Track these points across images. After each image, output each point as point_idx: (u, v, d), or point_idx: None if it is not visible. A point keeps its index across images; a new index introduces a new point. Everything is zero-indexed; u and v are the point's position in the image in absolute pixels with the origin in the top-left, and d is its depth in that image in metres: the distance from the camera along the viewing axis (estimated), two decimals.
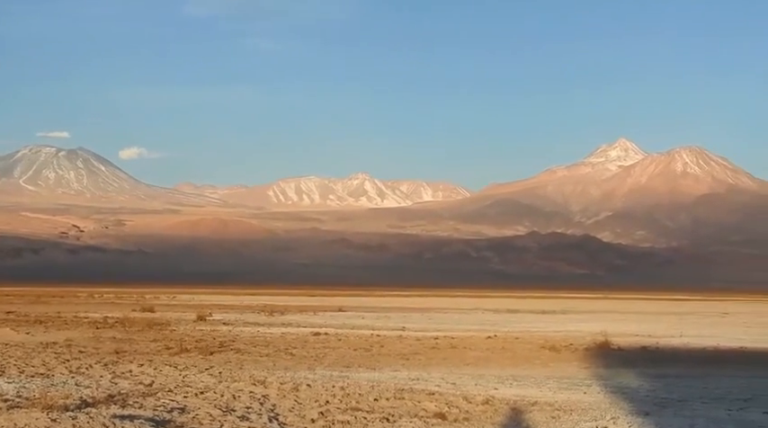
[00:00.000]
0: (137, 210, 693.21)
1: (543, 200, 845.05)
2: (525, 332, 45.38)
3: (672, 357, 32.39)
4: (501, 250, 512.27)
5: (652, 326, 54.02)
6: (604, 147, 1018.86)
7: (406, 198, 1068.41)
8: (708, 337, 43.96)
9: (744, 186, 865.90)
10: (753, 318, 71.62)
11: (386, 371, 25.45)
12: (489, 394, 20.58)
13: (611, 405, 19.40)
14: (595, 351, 33.67)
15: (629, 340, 39.66)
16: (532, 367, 27.99)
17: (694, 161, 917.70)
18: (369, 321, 54.80)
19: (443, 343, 35.95)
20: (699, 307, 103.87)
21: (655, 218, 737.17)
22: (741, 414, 18.14)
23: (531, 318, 64.59)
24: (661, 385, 23.31)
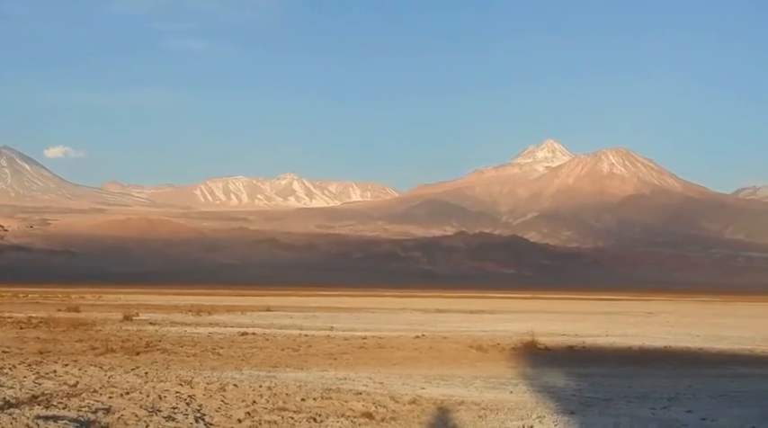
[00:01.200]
0: (62, 210, 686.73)
1: (471, 200, 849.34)
2: (453, 332, 45.46)
3: (598, 356, 32.62)
4: (429, 250, 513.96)
5: (578, 326, 54.39)
6: (532, 148, 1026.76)
7: (335, 198, 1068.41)
8: (633, 337, 44.35)
9: (669, 187, 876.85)
10: (677, 318, 72.41)
11: (313, 371, 25.35)
12: (416, 393, 20.57)
13: (538, 404, 19.48)
14: (522, 350, 33.81)
15: (556, 339, 39.88)
16: (460, 366, 28.04)
17: (620, 162, 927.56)
18: (297, 321, 54.61)
19: (371, 343, 35.91)
20: (624, 306, 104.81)
21: (581, 219, 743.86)
22: (665, 412, 18.30)
23: (459, 318, 64.74)
24: (587, 384, 23.46)
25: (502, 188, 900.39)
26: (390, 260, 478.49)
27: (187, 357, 29.00)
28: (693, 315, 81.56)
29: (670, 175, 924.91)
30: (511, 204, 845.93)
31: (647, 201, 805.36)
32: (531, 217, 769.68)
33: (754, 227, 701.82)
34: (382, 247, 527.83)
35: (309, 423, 16.21)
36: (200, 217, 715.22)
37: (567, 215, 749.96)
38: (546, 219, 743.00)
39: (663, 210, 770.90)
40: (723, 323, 63.93)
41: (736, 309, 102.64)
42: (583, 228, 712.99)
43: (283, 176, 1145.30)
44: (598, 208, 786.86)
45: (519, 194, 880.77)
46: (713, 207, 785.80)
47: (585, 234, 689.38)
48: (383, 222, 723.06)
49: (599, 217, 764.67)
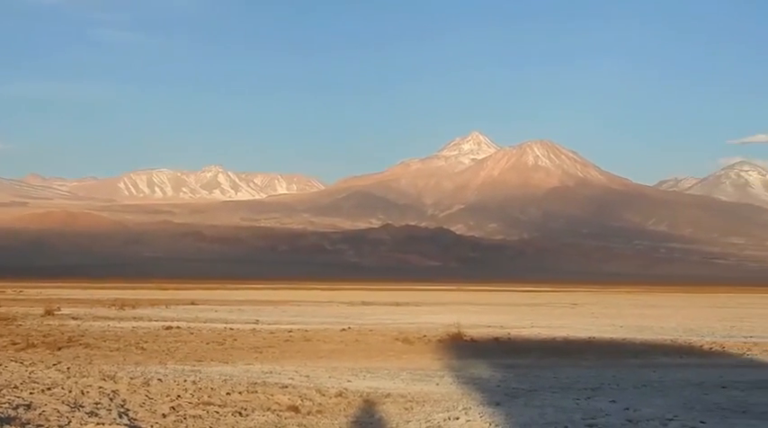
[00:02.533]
0: None
1: (397, 193, 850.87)
2: (379, 324, 45.50)
3: (523, 347, 32.78)
4: (355, 243, 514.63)
5: (504, 317, 54.70)
6: (458, 141, 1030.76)
7: (261, 190, 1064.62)
8: (558, 328, 44.70)
9: (593, 179, 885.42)
10: (601, 309, 73.14)
11: (239, 365, 25.21)
12: (343, 386, 20.54)
13: (463, 395, 19.53)
14: (448, 342, 33.89)
15: (482, 331, 40.04)
16: (386, 359, 28.04)
17: (545, 154, 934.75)
18: (222, 314, 54.35)
19: (297, 336, 35.81)
20: (549, 298, 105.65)
21: (506, 211, 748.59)
22: (589, 402, 18.42)
23: (386, 311, 64.82)
24: (512, 375, 23.58)
25: (428, 180, 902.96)
26: (316, 253, 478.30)
27: (110, 352, 28.69)
28: (617, 305, 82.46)
29: (594, 168, 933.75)
30: (437, 196, 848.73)
31: (572, 193, 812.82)
32: (457, 209, 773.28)
33: (676, 219, 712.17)
34: (308, 240, 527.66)
35: (235, 418, 16.11)
36: (123, 210, 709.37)
37: (492, 207, 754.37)
38: (471, 212, 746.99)
39: (587, 202, 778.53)
40: (646, 313, 64.70)
41: (658, 300, 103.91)
42: (508, 220, 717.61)
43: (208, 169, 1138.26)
44: (523, 200, 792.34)
45: (445, 187, 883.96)
46: (636, 199, 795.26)
47: (511, 226, 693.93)
48: (309, 215, 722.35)
49: (524, 209, 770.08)
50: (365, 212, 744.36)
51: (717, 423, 16.01)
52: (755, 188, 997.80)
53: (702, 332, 42.75)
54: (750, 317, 59.43)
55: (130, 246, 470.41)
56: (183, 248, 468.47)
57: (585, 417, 16.37)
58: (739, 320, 55.15)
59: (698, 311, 70.80)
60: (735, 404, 18.59)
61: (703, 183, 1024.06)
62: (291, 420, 16.12)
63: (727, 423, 16.16)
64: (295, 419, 16.21)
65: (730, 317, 59.05)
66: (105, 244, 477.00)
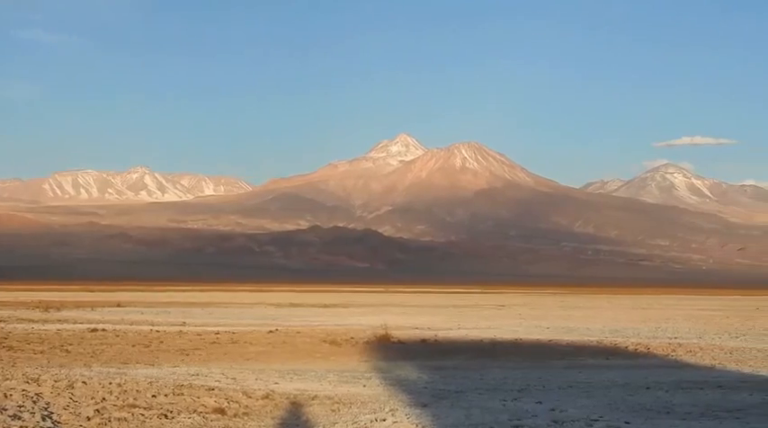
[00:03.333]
0: None
1: (325, 194, 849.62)
2: (307, 326, 45.41)
3: (450, 349, 32.90)
4: (283, 244, 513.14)
5: (431, 319, 54.86)
6: (385, 143, 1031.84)
7: (188, 192, 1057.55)
8: (485, 329, 44.90)
9: (520, 181, 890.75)
10: (528, 310, 73.61)
11: (165, 367, 25.03)
12: (270, 388, 20.47)
13: (391, 397, 19.55)
14: (376, 344, 33.93)
15: (409, 333, 40.14)
16: (313, 361, 28.01)
17: (473, 156, 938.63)
18: (148, 316, 53.91)
19: (224, 338, 35.65)
20: (476, 299, 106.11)
21: (434, 213, 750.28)
22: (515, 404, 18.53)
23: (313, 312, 64.74)
24: (439, 377, 23.65)
25: (356, 182, 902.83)
26: (244, 254, 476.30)
27: (34, 354, 28.35)
28: (544, 307, 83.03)
29: (521, 170, 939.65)
30: (365, 198, 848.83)
31: (499, 195, 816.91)
32: (385, 211, 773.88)
33: (602, 221, 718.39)
34: (236, 242, 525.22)
35: (160, 420, 15.98)
36: (48, 211, 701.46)
37: (420, 209, 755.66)
38: (399, 213, 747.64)
39: (514, 204, 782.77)
40: (572, 315, 65.21)
41: (584, 301, 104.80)
42: (436, 222, 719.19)
43: (134, 170, 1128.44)
44: (451, 202, 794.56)
45: (373, 188, 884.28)
46: (563, 201, 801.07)
47: (438, 227, 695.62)
48: (237, 216, 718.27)
49: (452, 211, 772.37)
50: (293, 214, 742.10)
51: (641, 424, 16.16)
52: (680, 190, 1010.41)
53: (628, 333, 43.16)
54: (675, 318, 60.13)
55: (56, 248, 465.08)
56: (110, 250, 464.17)
57: (512, 418, 16.45)
58: (664, 321, 55.77)
59: (623, 312, 71.50)
60: (659, 404, 18.80)
61: (629, 186, 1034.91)
62: (217, 422, 16.03)
63: (651, 423, 16.32)
64: (221, 421, 16.13)
65: (655, 319, 59.69)
66: (30, 245, 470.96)
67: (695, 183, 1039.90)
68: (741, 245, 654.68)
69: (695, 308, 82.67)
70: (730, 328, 48.67)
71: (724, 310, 78.66)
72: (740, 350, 33.82)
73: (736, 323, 54.98)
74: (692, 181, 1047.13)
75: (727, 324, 53.77)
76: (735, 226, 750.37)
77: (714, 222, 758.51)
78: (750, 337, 41.35)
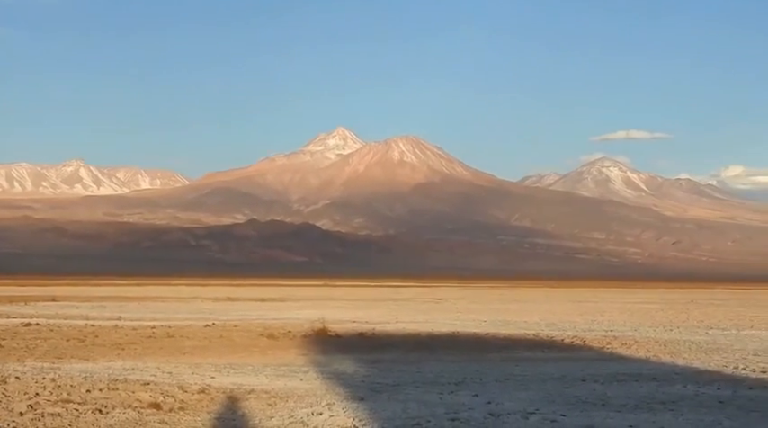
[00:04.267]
0: None
1: (262, 188, 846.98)
2: (244, 320, 45.26)
3: (387, 343, 32.94)
4: (220, 238, 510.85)
5: (369, 313, 54.94)
6: (323, 136, 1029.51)
7: (123, 185, 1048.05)
8: (422, 323, 45.01)
9: (458, 175, 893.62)
10: (465, 304, 73.91)
11: (100, 362, 24.82)
12: (206, 383, 20.36)
13: (328, 391, 19.53)
14: (313, 338, 33.90)
15: (347, 326, 40.14)
16: (250, 355, 27.91)
17: (411, 150, 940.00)
18: (83, 311, 53.46)
19: (160, 333, 35.41)
20: (414, 293, 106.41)
21: (372, 207, 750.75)
22: (452, 397, 18.58)
23: (250, 306, 64.59)
24: (376, 370, 23.66)
25: (293, 176, 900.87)
26: (181, 248, 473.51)
27: None
28: (481, 301, 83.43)
29: (459, 164, 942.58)
30: (302, 192, 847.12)
31: (437, 189, 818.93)
32: (323, 204, 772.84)
33: (539, 215, 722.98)
34: (172, 236, 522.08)
35: (95, 415, 15.82)
36: None
37: (358, 203, 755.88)
38: (337, 207, 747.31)
39: (452, 198, 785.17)
40: (509, 308, 65.59)
41: (522, 295, 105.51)
42: (374, 216, 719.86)
43: (69, 163, 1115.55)
44: (389, 195, 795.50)
45: (310, 182, 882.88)
46: (500, 195, 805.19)
47: (377, 221, 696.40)
48: (173, 210, 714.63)
49: (390, 204, 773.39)
50: (230, 207, 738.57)
51: (577, 416, 16.27)
52: (616, 184, 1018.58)
53: (564, 326, 43.48)
54: (610, 311, 60.68)
55: None
56: (44, 244, 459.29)
57: (448, 411, 16.49)
58: (600, 314, 56.28)
59: (560, 306, 72.05)
60: (594, 396, 18.94)
61: (566, 180, 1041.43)
62: (153, 417, 15.91)
63: (586, 415, 16.43)
64: (156, 416, 16.00)
65: (591, 312, 60.22)
66: None
67: (631, 177, 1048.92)
68: (675, 238, 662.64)
69: (630, 302, 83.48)
70: (665, 321, 49.19)
71: (659, 303, 79.56)
72: (674, 342, 34.19)
73: (670, 316, 55.61)
74: (628, 175, 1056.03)
75: (661, 316, 54.37)
76: (669, 219, 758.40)
77: (649, 216, 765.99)
78: (684, 330, 41.82)
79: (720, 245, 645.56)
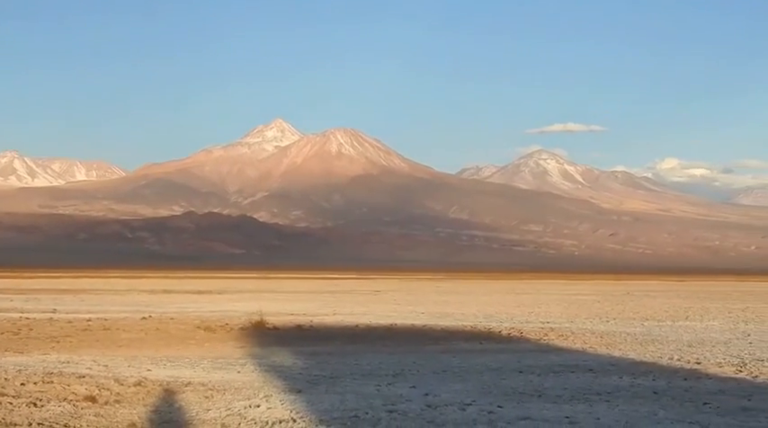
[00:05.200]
0: None
1: (200, 180, 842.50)
2: (181, 312, 45.02)
3: (325, 335, 32.95)
4: (157, 230, 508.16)
5: (307, 305, 54.86)
6: (261, 128, 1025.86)
7: (59, 177, 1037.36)
8: (360, 315, 45.02)
9: (396, 167, 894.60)
10: (403, 296, 74.03)
11: (34, 355, 24.59)
12: (142, 375, 20.23)
13: (265, 383, 19.48)
14: (251, 330, 33.81)
15: (285, 319, 40.05)
16: (187, 347, 27.78)
17: (349, 142, 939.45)
18: (17, 304, 52.86)
19: (96, 325, 35.12)
20: (352, 285, 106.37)
21: (310, 199, 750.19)
22: (389, 388, 18.62)
23: (187, 299, 64.24)
24: (314, 362, 23.64)
25: (231, 168, 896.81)
26: (117, 240, 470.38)
27: None
28: (419, 292, 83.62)
29: (397, 156, 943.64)
30: (240, 184, 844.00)
31: (375, 181, 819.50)
32: (261, 196, 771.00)
33: (477, 207, 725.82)
34: (108, 228, 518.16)
35: (29, 408, 15.67)
36: None
37: (296, 195, 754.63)
38: (275, 199, 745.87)
39: (390, 190, 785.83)
40: (447, 300, 65.73)
41: (459, 287, 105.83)
42: (312, 208, 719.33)
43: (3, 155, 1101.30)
44: (327, 187, 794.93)
45: (248, 174, 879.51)
46: (438, 187, 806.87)
47: (314, 213, 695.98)
48: (109, 202, 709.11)
49: (328, 196, 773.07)
50: (167, 199, 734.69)
51: (513, 407, 16.36)
52: (553, 176, 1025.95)
53: (501, 318, 43.70)
54: (547, 303, 61.04)
55: None
56: None
57: (386, 403, 16.52)
58: (537, 306, 56.58)
59: (497, 298, 72.37)
60: (531, 388, 19.06)
61: (503, 172, 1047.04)
62: (88, 410, 15.78)
63: (522, 406, 16.53)
64: (92, 409, 15.87)
65: (528, 304, 60.54)
66: None
67: (568, 170, 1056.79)
68: (612, 230, 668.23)
69: (567, 293, 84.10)
70: (601, 313, 49.59)
71: (595, 295, 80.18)
72: (610, 334, 34.48)
73: (606, 307, 56.07)
74: (565, 167, 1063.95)
75: (597, 308, 54.79)
76: (606, 211, 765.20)
77: (586, 208, 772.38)
78: (620, 321, 42.17)
79: (656, 237, 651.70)
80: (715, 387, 19.38)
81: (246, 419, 15.20)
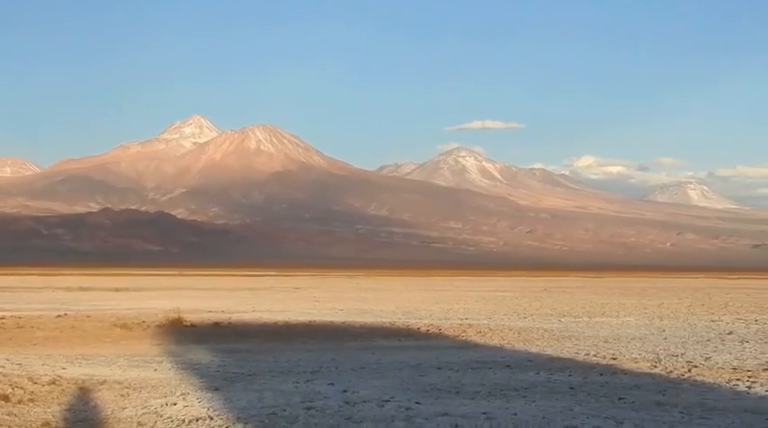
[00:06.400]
0: None
1: (117, 176, 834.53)
2: (97, 310, 44.55)
3: (243, 332, 32.78)
4: (73, 227, 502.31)
5: (226, 302, 54.60)
6: (179, 124, 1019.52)
7: None
8: (279, 312, 44.89)
9: (315, 164, 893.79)
10: (322, 293, 73.94)
11: None
12: (57, 374, 19.97)
13: (182, 381, 19.33)
14: (168, 328, 33.52)
15: (203, 316, 39.82)
16: (103, 345, 27.46)
17: (267, 139, 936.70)
18: None
19: (10, 323, 34.61)
20: (271, 282, 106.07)
21: (229, 195, 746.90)
22: (308, 385, 18.57)
23: (104, 296, 63.63)
24: (232, 360, 23.51)
25: (148, 164, 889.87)
26: (32, 237, 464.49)
27: None
28: (338, 289, 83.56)
29: (316, 153, 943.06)
30: (157, 180, 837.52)
31: (294, 178, 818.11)
32: (179, 193, 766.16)
33: (396, 204, 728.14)
34: (23, 224, 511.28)
35: None
36: None
37: (214, 191, 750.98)
38: (193, 196, 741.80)
39: (309, 187, 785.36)
40: (366, 297, 65.79)
41: (378, 283, 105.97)
42: (230, 205, 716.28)
43: None
44: (245, 184, 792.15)
45: (166, 170, 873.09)
46: (358, 184, 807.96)
47: (233, 210, 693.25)
48: (24, 198, 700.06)
49: (247, 193, 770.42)
50: (83, 196, 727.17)
51: (431, 404, 16.38)
52: (472, 173, 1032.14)
53: (420, 314, 43.79)
54: (466, 300, 61.31)
55: None
56: None
57: (304, 400, 16.47)
58: (456, 303, 56.79)
59: (416, 294, 72.53)
60: (449, 384, 19.11)
61: (422, 169, 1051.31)
62: (1, 409, 15.54)
63: (441, 403, 16.56)
64: (5, 408, 15.63)
65: (447, 300, 60.74)
66: None
67: (486, 167, 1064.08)
68: (530, 227, 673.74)
69: (486, 290, 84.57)
70: (519, 309, 49.91)
71: (513, 291, 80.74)
72: (528, 330, 34.70)
73: (524, 303, 56.44)
74: (484, 164, 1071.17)
75: (515, 305, 55.14)
76: (524, 208, 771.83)
77: (504, 205, 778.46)
78: (537, 317, 42.48)
79: (573, 233, 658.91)
80: (630, 383, 19.57)
81: (163, 417, 15.06)
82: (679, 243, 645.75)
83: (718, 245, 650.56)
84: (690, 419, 15.22)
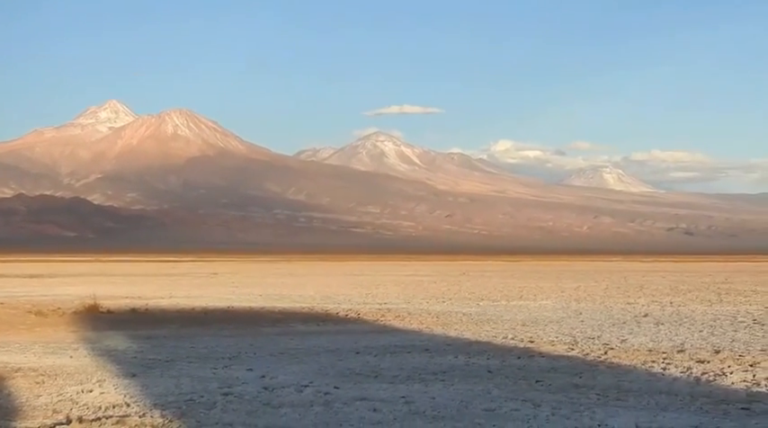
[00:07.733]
0: None
1: (30, 161, 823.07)
2: (11, 297, 43.90)
3: (161, 318, 32.55)
4: None
5: (142, 288, 54.15)
6: (94, 109, 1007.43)
7: None
8: (197, 298, 44.65)
9: (233, 149, 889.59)
10: (241, 278, 73.65)
11: None
12: None
13: (98, 368, 19.14)
14: (84, 314, 33.16)
15: (119, 302, 39.43)
16: (17, 332, 27.07)
17: (185, 124, 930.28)
18: None
19: None
20: (189, 268, 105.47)
21: (146, 181, 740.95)
22: (226, 371, 18.51)
23: (18, 283, 62.73)
24: (149, 346, 23.35)
25: (63, 149, 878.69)
26: None
27: None
28: (257, 275, 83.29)
29: (234, 137, 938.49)
30: (73, 166, 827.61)
31: (212, 163, 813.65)
32: (95, 178, 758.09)
33: (315, 189, 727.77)
34: None
35: None
36: None
37: (131, 177, 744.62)
38: (110, 181, 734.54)
39: (227, 172, 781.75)
40: (285, 282, 65.64)
41: (297, 268, 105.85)
42: (147, 190, 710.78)
43: None
44: (163, 169, 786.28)
45: (81, 156, 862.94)
46: (276, 169, 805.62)
47: (150, 196, 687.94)
48: None
49: (164, 178, 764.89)
50: None
51: (350, 388, 16.40)
52: (390, 158, 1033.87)
53: (339, 299, 43.79)
54: (385, 284, 61.40)
55: None
56: None
57: (222, 386, 16.42)
58: (374, 287, 56.88)
59: (335, 279, 72.54)
60: (368, 369, 19.14)
61: (341, 154, 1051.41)
62: None
63: (359, 387, 16.58)
64: None
65: (366, 285, 60.80)
66: None
67: (405, 151, 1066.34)
68: (448, 211, 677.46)
69: (404, 274, 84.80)
70: (437, 293, 50.11)
71: (432, 275, 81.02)
72: (446, 314, 34.85)
73: (443, 288, 56.66)
74: (402, 149, 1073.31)
75: (434, 289, 55.36)
76: (443, 193, 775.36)
77: (423, 189, 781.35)
78: (456, 301, 42.68)
79: (491, 217, 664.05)
80: (547, 366, 19.74)
81: (79, 404, 14.89)
82: (596, 226, 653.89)
83: (633, 228, 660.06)
84: (606, 401, 15.38)
